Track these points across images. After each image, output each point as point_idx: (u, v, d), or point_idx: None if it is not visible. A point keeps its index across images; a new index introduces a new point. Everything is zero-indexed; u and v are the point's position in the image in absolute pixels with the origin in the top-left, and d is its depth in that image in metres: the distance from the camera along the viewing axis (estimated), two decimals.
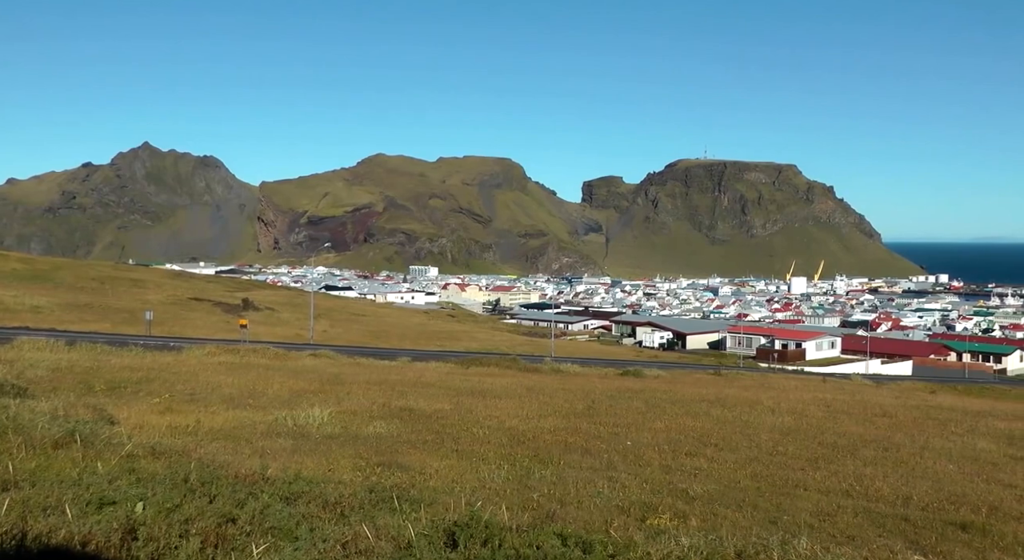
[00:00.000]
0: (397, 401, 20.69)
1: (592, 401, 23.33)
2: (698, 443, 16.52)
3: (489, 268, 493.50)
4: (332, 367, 33.27)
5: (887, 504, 11.77)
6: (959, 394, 47.86)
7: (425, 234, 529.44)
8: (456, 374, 33.76)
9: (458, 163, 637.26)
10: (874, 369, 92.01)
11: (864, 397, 32.24)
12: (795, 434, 18.68)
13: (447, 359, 43.90)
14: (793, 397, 28.91)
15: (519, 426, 17.51)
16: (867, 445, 17.57)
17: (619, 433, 17.34)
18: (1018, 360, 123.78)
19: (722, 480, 12.76)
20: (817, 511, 10.72)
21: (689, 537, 8.01)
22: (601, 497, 10.57)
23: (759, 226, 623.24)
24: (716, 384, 36.53)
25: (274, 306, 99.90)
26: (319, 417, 16.58)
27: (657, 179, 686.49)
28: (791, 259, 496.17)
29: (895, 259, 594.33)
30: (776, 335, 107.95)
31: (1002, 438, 20.23)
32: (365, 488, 8.95)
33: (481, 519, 7.21)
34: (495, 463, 12.93)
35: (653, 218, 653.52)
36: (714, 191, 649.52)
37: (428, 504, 8.37)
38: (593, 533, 7.73)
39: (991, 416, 25.99)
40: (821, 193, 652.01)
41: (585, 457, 14.26)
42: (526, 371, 38.36)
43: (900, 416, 24.20)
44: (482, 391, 25.22)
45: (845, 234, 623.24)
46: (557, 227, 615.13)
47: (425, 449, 14.04)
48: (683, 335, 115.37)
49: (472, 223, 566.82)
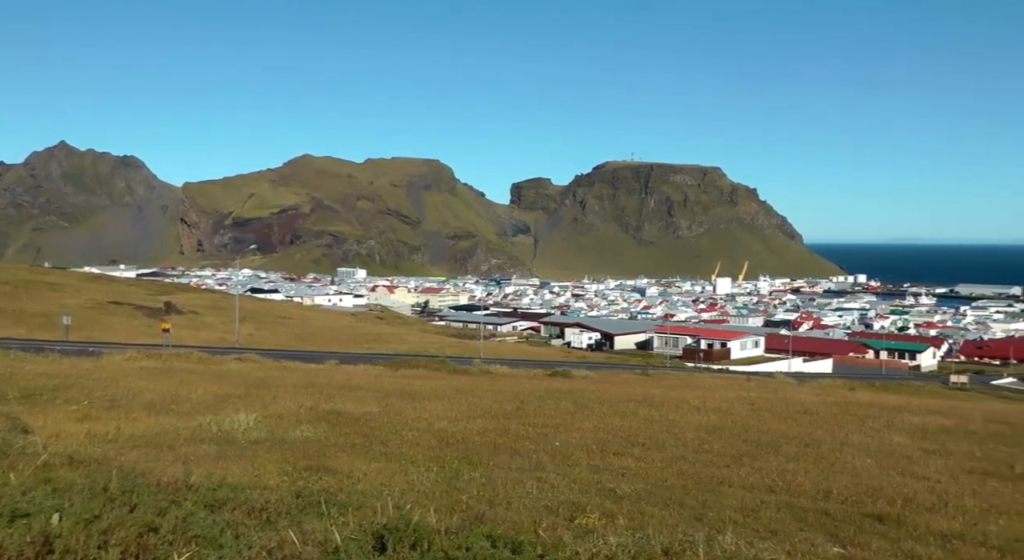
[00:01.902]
0: (325, 404, 20.46)
1: (521, 402, 23.40)
2: (626, 442, 16.68)
3: (418, 270, 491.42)
4: (258, 371, 32.75)
5: (808, 499, 12.05)
6: (876, 391, 49.24)
7: (353, 236, 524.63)
8: (385, 376, 33.53)
9: (386, 164, 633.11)
10: (796, 367, 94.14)
11: (786, 395, 32.98)
12: (720, 432, 19.00)
13: (376, 361, 43.58)
14: (718, 396, 29.40)
15: (448, 428, 17.47)
16: (789, 442, 17.96)
17: (548, 434, 17.42)
18: (931, 357, 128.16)
19: (649, 479, 12.92)
20: (741, 507, 10.92)
21: (617, 536, 8.08)
22: (530, 497, 10.61)
23: (685, 227, 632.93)
24: (643, 384, 36.97)
25: (198, 309, 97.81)
26: (245, 422, 16.30)
27: (585, 181, 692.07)
28: (716, 260, 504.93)
29: (816, 260, 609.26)
30: (702, 335, 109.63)
31: (916, 432, 20.88)
32: (292, 493, 8.82)
33: (410, 522, 7.17)
34: (424, 465, 12.88)
35: (581, 219, 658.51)
36: (641, 193, 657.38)
37: (356, 508, 8.29)
38: (522, 534, 7.75)
39: (906, 411, 26.79)
40: (745, 195, 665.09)
41: (514, 458, 14.29)
42: (455, 373, 38.29)
43: (821, 413, 24.79)
44: (411, 393, 25.10)
45: (768, 235, 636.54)
46: (486, 229, 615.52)
47: (353, 452, 13.91)
48: (611, 336, 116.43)
49: (400, 225, 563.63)
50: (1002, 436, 21.04)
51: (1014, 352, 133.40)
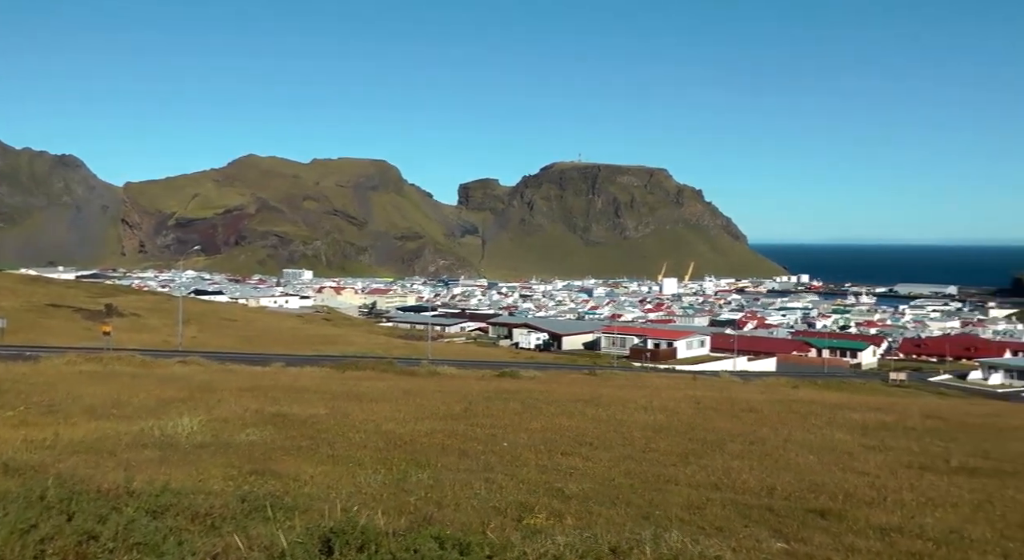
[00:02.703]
0: (271, 407, 20.23)
1: (469, 403, 23.38)
2: (574, 442, 16.76)
3: (365, 271, 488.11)
4: (202, 374, 32.27)
5: (753, 495, 12.22)
6: (819, 388, 50.17)
7: (299, 236, 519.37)
8: (332, 378, 33.28)
9: (333, 165, 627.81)
10: (741, 366, 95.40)
11: (732, 393, 33.44)
12: (667, 431, 19.19)
13: (322, 363, 43.22)
14: (665, 395, 29.70)
15: (396, 429, 17.39)
16: (734, 439, 18.20)
17: (496, 434, 17.44)
18: (871, 355, 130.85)
19: (597, 478, 12.99)
20: (687, 505, 11.04)
21: (565, 535, 8.13)
22: (478, 498, 10.61)
23: (632, 228, 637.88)
24: (591, 384, 37.19)
25: (140, 312, 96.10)
26: (188, 426, 16.04)
27: (532, 182, 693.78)
28: (662, 260, 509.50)
29: (760, 260, 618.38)
30: (649, 335, 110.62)
31: (857, 429, 21.30)
32: (237, 497, 8.71)
33: (357, 524, 7.13)
34: (371, 467, 12.80)
35: (529, 220, 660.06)
36: (588, 194, 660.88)
37: (303, 511, 8.22)
38: (470, 535, 7.75)
39: (847, 408, 27.32)
40: (691, 196, 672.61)
41: (462, 459, 14.28)
42: (403, 374, 38.16)
43: (765, 411, 25.16)
44: (358, 395, 24.93)
45: (713, 236, 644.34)
46: (434, 229, 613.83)
47: (300, 455, 13.77)
48: (559, 336, 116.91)
49: (347, 225, 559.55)
50: (939, 431, 21.56)
51: (950, 350, 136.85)
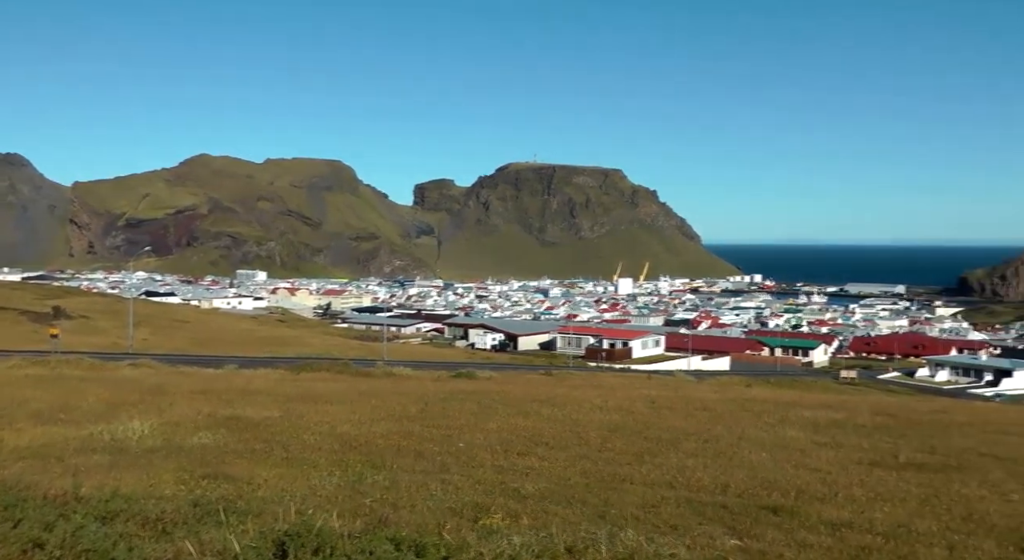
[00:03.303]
0: (224, 410, 19.99)
1: (425, 404, 23.32)
2: (530, 442, 16.78)
3: (320, 272, 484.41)
4: (153, 377, 31.77)
5: (707, 493, 12.34)
6: (772, 387, 50.80)
7: (253, 237, 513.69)
8: (286, 380, 32.97)
9: (287, 165, 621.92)
10: (695, 365, 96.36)
11: (686, 392, 33.74)
12: (622, 430, 19.29)
13: (277, 365, 42.81)
14: (620, 395, 29.86)
15: (351, 431, 17.28)
16: (689, 438, 18.35)
17: (452, 435, 17.41)
18: (823, 354, 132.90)
19: (553, 478, 13.03)
20: (643, 503, 11.11)
21: (521, 535, 8.14)
22: (434, 499, 10.58)
23: (587, 228, 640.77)
24: (547, 384, 37.27)
25: (89, 314, 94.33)
26: (139, 430, 15.79)
27: (488, 182, 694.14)
28: (618, 261, 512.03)
29: (714, 260, 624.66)
30: (604, 335, 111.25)
31: (808, 426, 21.60)
32: (189, 502, 8.60)
33: (312, 527, 7.08)
34: (326, 469, 12.70)
35: (484, 221, 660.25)
36: (544, 194, 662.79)
37: (256, 515, 8.14)
38: (426, 536, 7.73)
39: (799, 406, 27.70)
40: (645, 197, 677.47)
41: (418, 460, 14.23)
42: (358, 375, 37.92)
43: (719, 409, 25.41)
44: (313, 397, 24.73)
45: (668, 236, 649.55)
46: (389, 230, 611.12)
47: (253, 458, 13.63)
48: (515, 336, 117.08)
49: (302, 226, 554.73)
50: (888, 428, 21.94)
51: (899, 348, 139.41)
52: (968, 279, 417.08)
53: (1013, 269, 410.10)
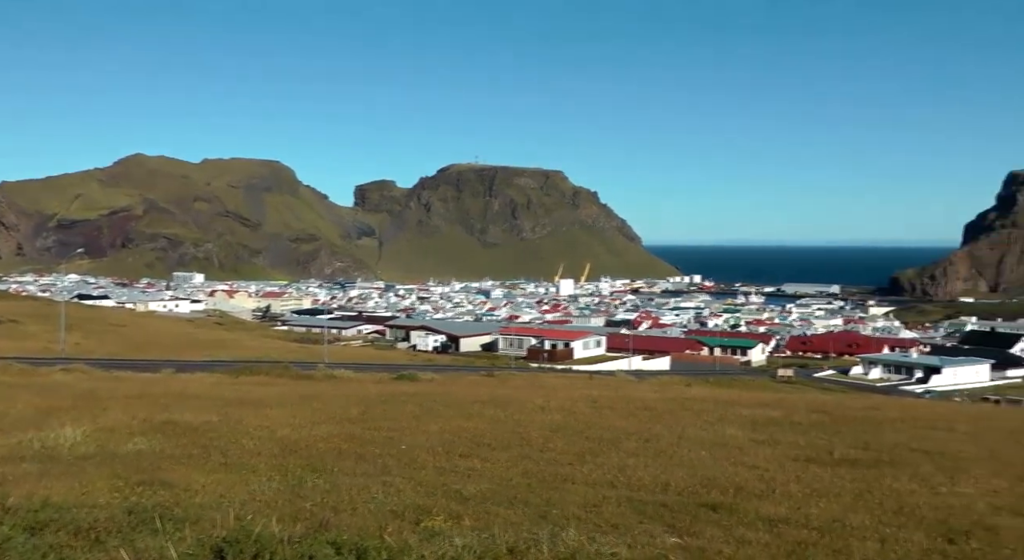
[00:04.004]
0: (160, 415, 19.61)
1: (366, 406, 23.15)
2: (472, 444, 16.77)
3: (259, 273, 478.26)
4: (86, 382, 31.05)
5: (647, 492, 12.45)
6: (711, 386, 51.44)
7: (189, 239, 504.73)
8: (225, 384, 32.50)
9: (224, 165, 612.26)
10: (636, 365, 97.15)
11: (627, 392, 33.98)
12: (564, 430, 19.37)
13: (215, 369, 42.17)
14: (562, 395, 29.96)
15: (291, 435, 17.09)
16: (630, 437, 18.49)
17: (394, 437, 17.31)
18: (760, 353, 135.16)
19: (495, 479, 13.03)
20: (584, 503, 11.17)
21: (463, 537, 8.14)
22: (375, 502, 10.52)
23: (529, 230, 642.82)
24: (489, 385, 37.28)
25: (18, 318, 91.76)
26: (71, 437, 15.39)
27: (429, 183, 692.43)
28: (559, 262, 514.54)
29: (654, 261, 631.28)
30: (546, 336, 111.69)
31: (747, 424, 21.91)
32: (123, 510, 8.43)
33: (251, 533, 7.00)
34: (266, 474, 12.54)
35: (426, 222, 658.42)
36: (485, 195, 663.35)
37: (194, 521, 8.01)
38: (367, 539, 7.68)
39: (738, 405, 28.06)
40: (586, 198, 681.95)
41: (359, 463, 14.13)
42: (299, 378, 37.52)
43: (659, 409, 25.62)
44: (252, 400, 24.40)
45: (609, 238, 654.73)
46: (329, 231, 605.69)
47: (191, 464, 13.39)
48: (457, 338, 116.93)
49: (240, 227, 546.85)
50: (823, 425, 22.34)
51: (834, 346, 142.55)
52: (899, 279, 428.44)
53: (942, 269, 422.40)
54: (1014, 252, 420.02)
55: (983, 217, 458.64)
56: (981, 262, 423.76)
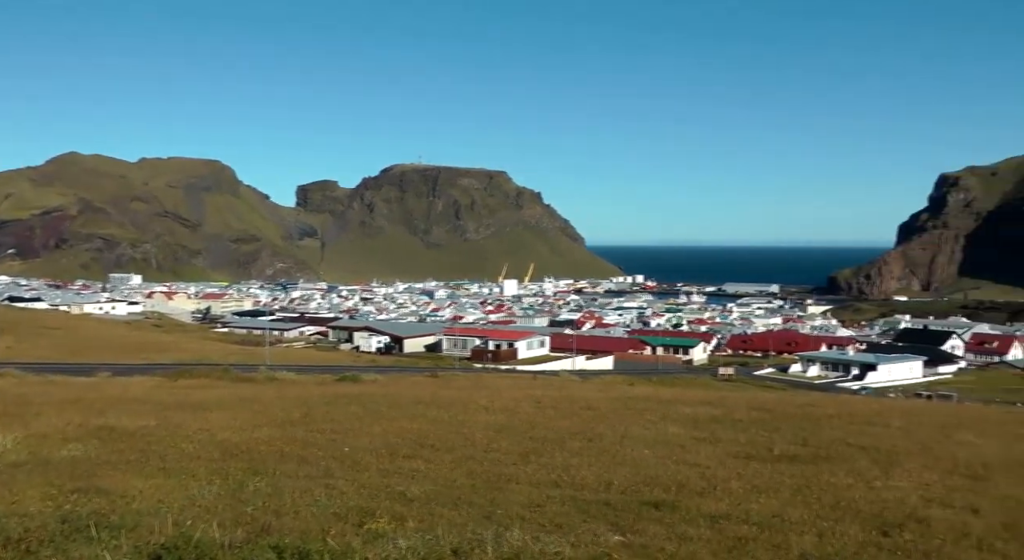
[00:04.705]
0: (96, 420, 19.15)
1: (309, 408, 22.91)
2: (416, 445, 16.70)
3: (199, 275, 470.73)
4: (18, 387, 30.18)
5: (591, 491, 12.52)
6: (654, 385, 51.84)
7: (126, 239, 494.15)
8: (163, 387, 31.87)
9: (162, 164, 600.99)
10: (580, 365, 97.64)
11: (571, 392, 34.10)
12: (508, 431, 19.39)
13: (153, 372, 41.29)
14: (506, 395, 29.98)
15: (232, 438, 16.84)
16: (573, 437, 18.57)
17: (337, 439, 17.16)
18: (702, 351, 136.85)
19: (439, 480, 13.00)
20: (528, 503, 11.19)
21: (407, 538, 8.11)
22: (318, 505, 10.41)
23: (472, 230, 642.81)
24: (433, 386, 37.12)
25: None
26: (1, 444, 14.96)
27: (372, 183, 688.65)
28: (503, 262, 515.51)
29: (598, 261, 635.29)
30: (490, 336, 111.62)
31: (688, 422, 22.16)
32: (57, 518, 8.24)
33: (191, 539, 6.89)
34: (206, 478, 12.33)
35: (369, 222, 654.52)
36: (429, 196, 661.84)
37: (131, 528, 7.85)
38: (310, 542, 7.62)
39: (680, 403, 28.36)
40: (530, 199, 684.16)
41: (302, 465, 13.98)
42: (239, 381, 36.96)
43: (603, 408, 25.76)
44: (192, 404, 23.97)
45: (552, 238, 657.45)
46: (271, 232, 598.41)
47: (128, 469, 13.11)
48: (400, 339, 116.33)
49: (179, 228, 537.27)
50: (763, 422, 22.69)
51: (773, 345, 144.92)
52: (837, 278, 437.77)
53: (876, 269, 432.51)
54: (945, 252, 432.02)
55: (916, 218, 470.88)
56: (914, 262, 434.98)
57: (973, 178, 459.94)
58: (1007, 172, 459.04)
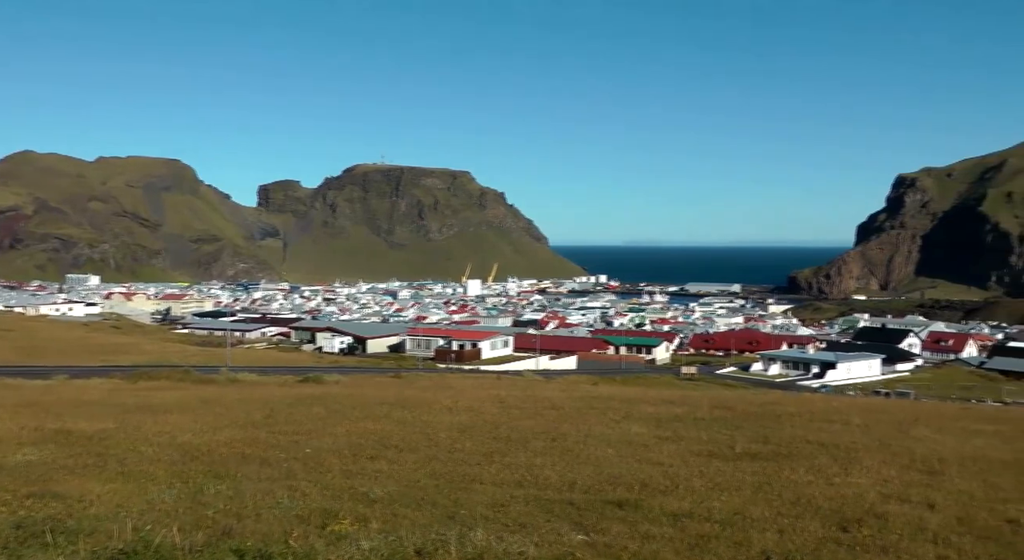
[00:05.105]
0: (52, 423, 18.84)
1: (271, 410, 22.73)
2: (379, 446, 16.63)
3: (159, 275, 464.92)
4: None
5: (555, 490, 12.55)
6: (617, 384, 52.08)
7: (84, 239, 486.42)
8: (122, 390, 31.44)
9: (121, 163, 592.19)
10: (544, 365, 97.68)
11: (535, 392, 34.15)
12: (472, 431, 19.37)
13: (112, 374, 40.73)
14: (470, 395, 29.96)
15: (193, 441, 16.65)
16: (537, 437, 18.60)
17: (299, 441, 17.04)
18: (665, 351, 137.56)
19: (402, 481, 12.95)
20: (492, 503, 11.19)
21: (370, 540, 8.08)
22: (280, 507, 10.33)
23: (436, 230, 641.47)
24: (397, 386, 37.01)
25: None
26: None
27: (335, 183, 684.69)
28: (466, 262, 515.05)
29: (561, 262, 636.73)
30: (453, 336, 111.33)
31: (651, 421, 22.29)
32: (11, 524, 8.09)
33: (150, 543, 6.81)
34: (166, 482, 12.17)
35: (332, 222, 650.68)
36: (392, 196, 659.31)
37: (88, 534, 7.73)
38: (272, 545, 7.56)
39: (643, 402, 28.50)
40: (493, 199, 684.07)
41: (264, 467, 13.86)
42: (200, 383, 36.58)
43: (566, 408, 25.83)
44: (152, 406, 23.67)
45: (516, 238, 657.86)
46: (232, 232, 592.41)
47: (85, 474, 12.91)
48: (363, 339, 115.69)
49: (138, 228, 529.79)
50: (725, 420, 22.89)
51: (735, 344, 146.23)
52: (797, 278, 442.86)
53: (836, 268, 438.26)
54: (902, 252, 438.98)
55: (874, 218, 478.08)
56: (872, 261, 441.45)
57: (929, 179, 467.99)
58: (961, 173, 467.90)
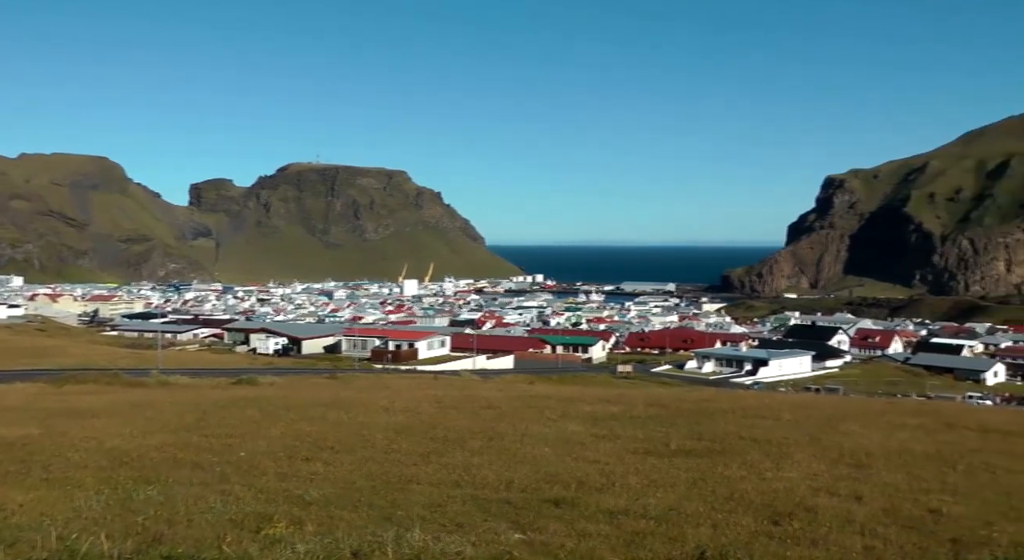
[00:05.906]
0: None
1: (203, 413, 22.34)
2: (315, 447, 16.46)
3: (86, 276, 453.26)
4: None
5: (492, 490, 12.55)
6: (554, 383, 52.36)
7: (6, 239, 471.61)
8: (47, 394, 30.60)
9: (45, 161, 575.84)
10: (481, 365, 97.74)
11: (472, 392, 34.13)
12: (408, 431, 19.28)
13: (36, 378, 39.62)
14: (407, 396, 29.82)
15: (122, 446, 16.27)
16: (475, 436, 18.59)
17: (233, 444, 16.77)
18: (601, 350, 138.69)
19: (339, 482, 12.84)
20: (429, 503, 11.16)
21: (305, 543, 7.99)
22: (213, 512, 10.15)
23: (372, 230, 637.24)
24: (333, 387, 36.68)
25: None
26: None
27: (269, 182, 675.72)
28: (403, 262, 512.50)
29: (498, 261, 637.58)
30: (390, 336, 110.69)
31: (588, 420, 22.43)
32: None
33: (76, 552, 6.63)
34: (93, 488, 11.88)
35: (265, 222, 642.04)
36: (327, 195, 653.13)
37: (9, 544, 7.50)
38: (205, 551, 7.43)
39: (580, 401, 28.65)
40: (430, 199, 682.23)
41: (196, 472, 13.61)
42: (130, 386, 35.80)
43: (504, 407, 25.86)
44: (78, 411, 23.09)
45: (452, 238, 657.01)
46: (163, 232, 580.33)
47: (7, 482, 12.53)
48: (298, 340, 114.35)
49: (64, 227, 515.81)
50: (660, 418, 23.12)
51: (670, 342, 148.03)
52: (730, 277, 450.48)
53: (768, 267, 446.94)
54: (831, 251, 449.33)
55: (804, 218, 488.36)
56: (803, 260, 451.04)
57: (856, 180, 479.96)
58: (887, 175, 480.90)
